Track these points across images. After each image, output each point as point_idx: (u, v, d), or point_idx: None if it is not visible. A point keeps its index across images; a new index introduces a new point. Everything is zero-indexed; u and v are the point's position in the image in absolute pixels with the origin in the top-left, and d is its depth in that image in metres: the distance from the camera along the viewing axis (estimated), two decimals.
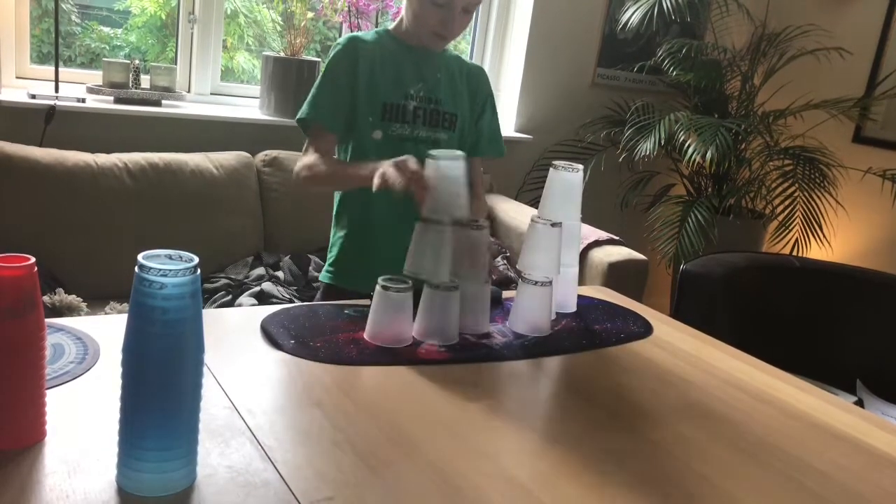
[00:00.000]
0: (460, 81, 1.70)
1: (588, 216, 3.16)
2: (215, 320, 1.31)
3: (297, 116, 1.63)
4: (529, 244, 1.42)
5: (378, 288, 1.28)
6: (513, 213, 3.12)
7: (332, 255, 1.72)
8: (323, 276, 1.72)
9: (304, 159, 1.61)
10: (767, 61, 3.38)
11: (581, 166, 1.47)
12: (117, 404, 0.80)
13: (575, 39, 3.52)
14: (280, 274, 2.63)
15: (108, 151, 2.56)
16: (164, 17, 3.07)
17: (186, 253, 0.79)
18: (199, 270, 0.78)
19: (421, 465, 0.92)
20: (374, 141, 1.60)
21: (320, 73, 1.63)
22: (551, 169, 1.47)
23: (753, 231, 3.37)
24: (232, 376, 1.08)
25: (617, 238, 2.80)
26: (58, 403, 0.92)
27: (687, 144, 3.04)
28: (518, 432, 1.04)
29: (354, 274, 1.46)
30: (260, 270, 2.62)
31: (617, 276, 2.62)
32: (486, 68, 3.46)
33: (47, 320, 0.92)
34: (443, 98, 1.65)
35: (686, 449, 1.04)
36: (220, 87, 3.04)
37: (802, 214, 3.22)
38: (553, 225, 1.39)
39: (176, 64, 2.97)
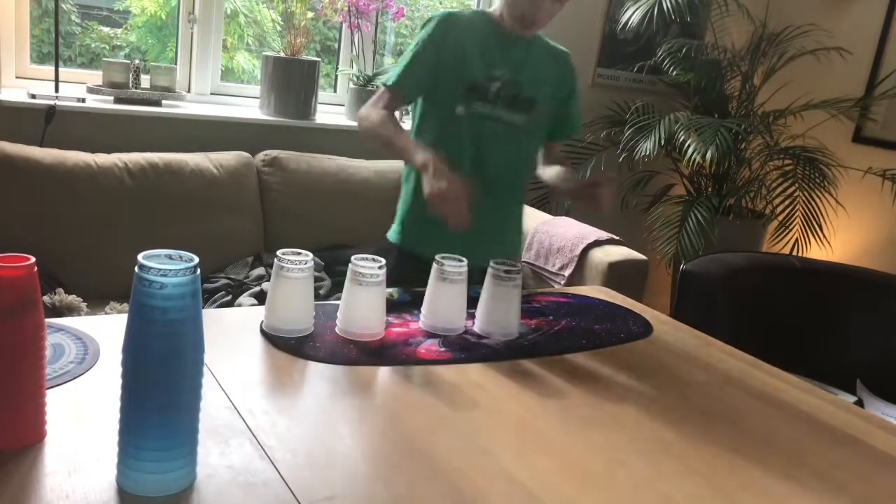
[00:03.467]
0: (546, 68, 1.77)
1: (588, 216, 3.14)
2: (215, 320, 1.31)
3: (385, 82, 1.70)
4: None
5: (435, 272, 1.32)
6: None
7: (400, 211, 1.79)
8: (391, 234, 1.79)
9: (373, 111, 1.67)
10: (767, 61, 3.38)
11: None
12: (117, 404, 0.80)
13: (575, 39, 3.50)
14: None
15: (108, 151, 2.55)
16: (164, 17, 3.07)
17: (186, 253, 0.79)
18: (199, 270, 0.78)
19: (421, 465, 0.92)
20: (455, 115, 1.68)
21: (417, 40, 1.69)
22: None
23: (753, 231, 3.36)
24: (232, 376, 1.08)
25: (617, 238, 2.80)
26: (58, 403, 0.92)
27: (687, 144, 3.03)
28: (518, 432, 1.04)
29: (420, 235, 1.62)
30: (260, 270, 2.62)
31: (617, 276, 2.62)
32: None
33: (47, 320, 0.92)
34: (525, 83, 1.72)
35: (686, 448, 1.04)
36: (220, 87, 3.04)
37: (802, 214, 3.22)
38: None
39: (176, 64, 2.97)
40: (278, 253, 1.23)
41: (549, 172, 1.80)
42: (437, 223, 1.57)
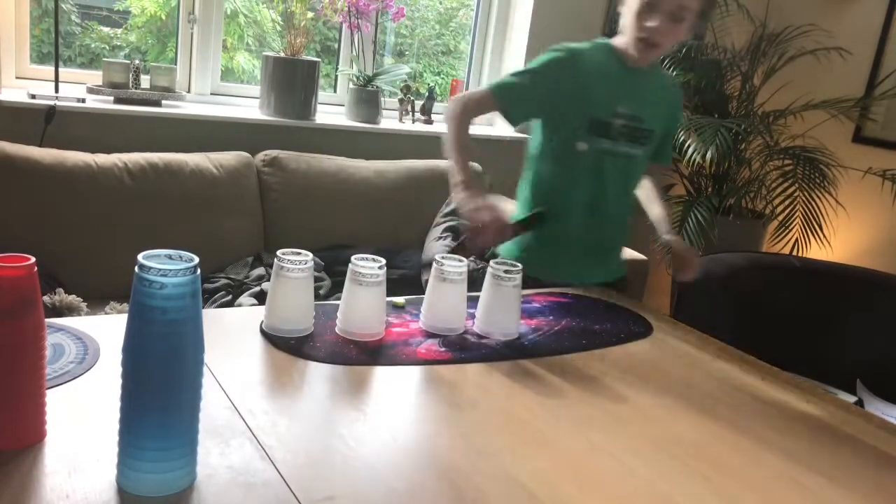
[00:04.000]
0: (663, 101, 1.79)
1: None
2: (215, 320, 1.31)
3: (493, 85, 1.71)
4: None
5: (435, 272, 1.33)
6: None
7: (519, 241, 1.79)
8: (507, 255, 1.79)
9: (466, 112, 1.68)
10: (767, 61, 3.38)
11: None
12: (117, 404, 0.80)
13: (575, 39, 3.50)
14: None
15: (108, 151, 2.55)
16: (164, 17, 3.07)
17: (186, 253, 0.79)
18: (199, 270, 0.78)
19: (421, 465, 0.92)
20: (577, 150, 1.69)
21: (533, 65, 1.71)
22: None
23: (753, 231, 3.36)
24: (232, 376, 1.08)
25: None
26: (58, 403, 0.92)
27: (687, 144, 3.03)
28: (518, 432, 1.04)
29: (540, 263, 1.62)
30: (260, 270, 2.62)
31: None
32: (486, 68, 3.47)
33: (47, 320, 0.92)
34: (646, 116, 1.73)
35: (686, 448, 1.04)
36: (220, 87, 3.04)
37: (802, 214, 3.22)
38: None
39: (176, 64, 2.97)
40: (278, 253, 1.23)
41: (652, 212, 1.85)
42: (556, 250, 1.70)
